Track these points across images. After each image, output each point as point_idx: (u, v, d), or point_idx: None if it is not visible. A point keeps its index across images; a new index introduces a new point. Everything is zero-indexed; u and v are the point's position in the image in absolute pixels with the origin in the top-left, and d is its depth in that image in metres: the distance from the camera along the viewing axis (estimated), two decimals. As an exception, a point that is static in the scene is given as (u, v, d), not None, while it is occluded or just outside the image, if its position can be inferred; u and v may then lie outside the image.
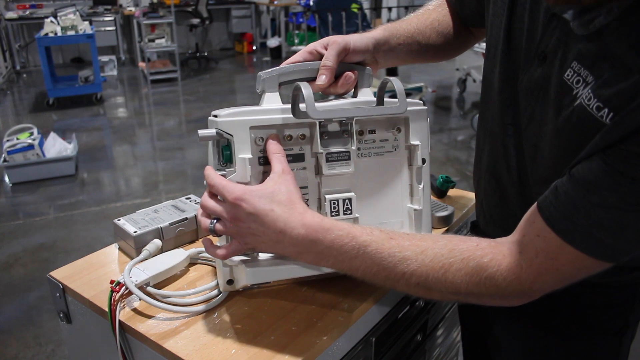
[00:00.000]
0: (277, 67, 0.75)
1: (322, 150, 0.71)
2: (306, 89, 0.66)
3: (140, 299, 0.75)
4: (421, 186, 0.77)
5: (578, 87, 0.61)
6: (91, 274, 0.84)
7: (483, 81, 0.85)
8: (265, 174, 0.71)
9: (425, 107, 0.77)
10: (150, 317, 0.74)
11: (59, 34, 5.48)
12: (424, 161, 0.77)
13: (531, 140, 0.72)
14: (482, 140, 0.87)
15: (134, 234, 0.87)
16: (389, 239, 0.65)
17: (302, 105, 0.68)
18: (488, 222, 0.88)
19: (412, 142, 0.77)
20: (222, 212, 0.65)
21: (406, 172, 0.78)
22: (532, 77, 0.69)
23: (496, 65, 0.78)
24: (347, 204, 0.73)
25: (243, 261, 0.70)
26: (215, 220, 0.67)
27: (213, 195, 0.68)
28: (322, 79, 0.74)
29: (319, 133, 0.71)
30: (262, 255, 0.72)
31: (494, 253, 0.63)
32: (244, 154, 0.69)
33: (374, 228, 0.66)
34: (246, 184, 0.68)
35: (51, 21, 5.49)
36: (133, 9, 7.46)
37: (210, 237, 0.70)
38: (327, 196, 0.73)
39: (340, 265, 0.66)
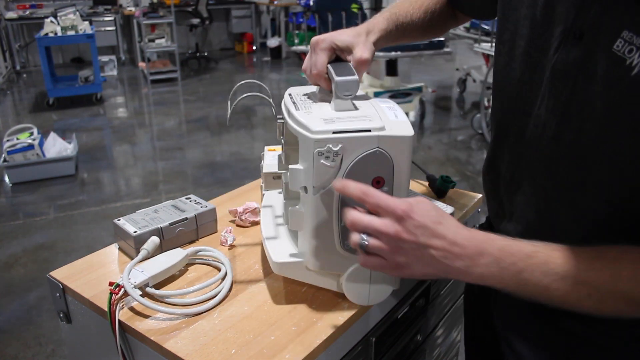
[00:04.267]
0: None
1: None
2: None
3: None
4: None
5: (632, 56, 0.59)
6: (91, 274, 0.84)
7: (496, 79, 0.83)
8: None
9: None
10: (150, 317, 0.74)
11: (59, 34, 5.47)
12: (305, 190, 0.70)
13: (572, 123, 0.69)
14: (499, 138, 0.84)
15: (134, 234, 0.87)
16: (556, 250, 0.62)
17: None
18: (505, 218, 0.85)
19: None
20: (382, 227, 0.61)
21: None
22: (566, 58, 0.67)
23: (515, 53, 0.75)
24: None
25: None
26: (367, 236, 0.62)
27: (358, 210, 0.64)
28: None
29: None
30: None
31: None
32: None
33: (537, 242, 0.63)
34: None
35: (51, 21, 5.48)
36: (133, 9, 7.46)
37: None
38: None
39: (506, 281, 0.62)
